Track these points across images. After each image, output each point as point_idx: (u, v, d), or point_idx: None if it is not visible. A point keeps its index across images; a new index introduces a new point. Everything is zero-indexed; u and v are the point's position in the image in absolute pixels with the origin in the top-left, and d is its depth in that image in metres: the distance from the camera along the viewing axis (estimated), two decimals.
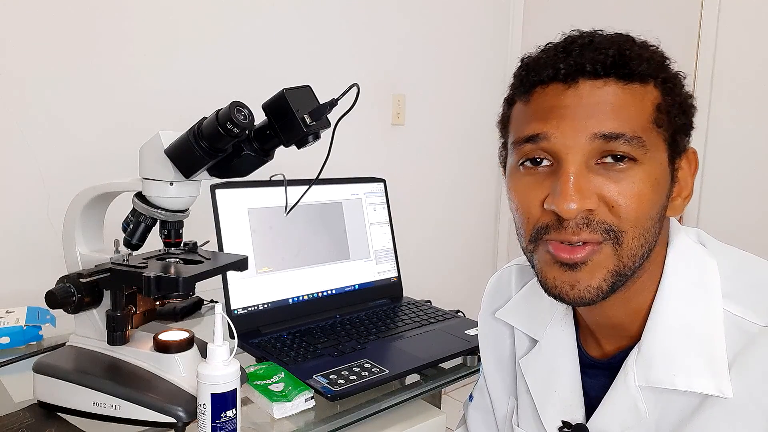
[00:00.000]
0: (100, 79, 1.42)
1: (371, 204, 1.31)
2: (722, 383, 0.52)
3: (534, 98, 0.56)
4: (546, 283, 0.57)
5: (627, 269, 0.54)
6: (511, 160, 0.60)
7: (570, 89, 0.54)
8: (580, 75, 0.53)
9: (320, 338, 1.06)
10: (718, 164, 1.95)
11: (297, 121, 0.79)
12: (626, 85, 0.53)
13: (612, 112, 0.52)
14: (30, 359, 0.93)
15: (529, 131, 0.55)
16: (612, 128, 0.52)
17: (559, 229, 0.54)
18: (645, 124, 0.53)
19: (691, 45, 1.98)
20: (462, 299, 1.45)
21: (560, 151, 0.53)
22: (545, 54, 0.57)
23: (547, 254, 0.56)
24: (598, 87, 0.53)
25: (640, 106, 0.54)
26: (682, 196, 0.58)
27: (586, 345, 0.65)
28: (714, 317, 0.54)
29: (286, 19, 1.77)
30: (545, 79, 0.55)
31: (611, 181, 0.53)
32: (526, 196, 0.57)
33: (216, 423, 0.71)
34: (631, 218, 0.53)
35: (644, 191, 0.53)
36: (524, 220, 0.58)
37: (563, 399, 0.64)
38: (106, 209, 0.93)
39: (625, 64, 0.53)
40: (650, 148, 0.53)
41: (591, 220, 0.53)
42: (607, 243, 0.53)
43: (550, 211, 0.54)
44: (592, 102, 0.53)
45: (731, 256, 0.58)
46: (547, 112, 0.54)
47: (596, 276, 0.54)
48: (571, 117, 0.53)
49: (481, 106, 2.41)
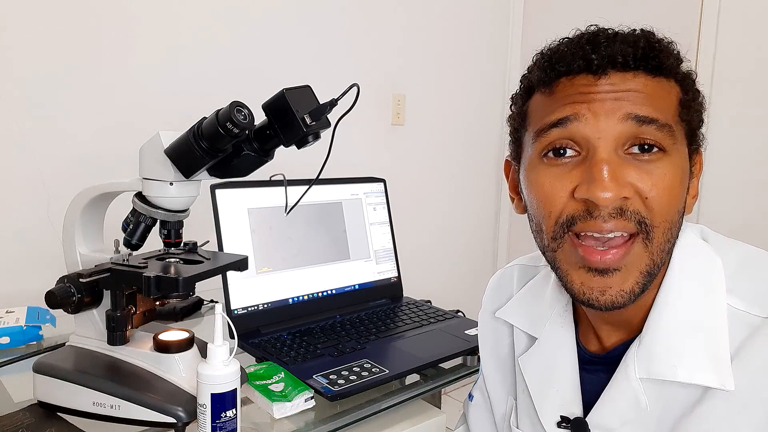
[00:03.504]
0: (100, 79, 1.42)
1: (371, 204, 1.31)
2: (724, 376, 0.51)
3: (558, 88, 0.55)
4: (572, 287, 0.55)
5: (656, 267, 0.54)
6: (530, 152, 0.58)
7: (601, 79, 0.53)
8: (610, 66, 0.53)
9: (320, 338, 1.06)
10: (719, 163, 1.95)
11: (297, 121, 0.79)
12: (654, 78, 0.53)
13: (645, 98, 0.52)
14: (30, 359, 0.93)
15: (557, 115, 0.54)
16: (646, 112, 0.51)
17: (588, 219, 0.52)
18: (673, 115, 0.54)
19: (691, 45, 1.98)
20: (462, 299, 1.45)
21: (591, 135, 0.52)
22: (569, 46, 0.56)
23: (574, 257, 0.54)
24: (629, 78, 0.53)
25: (668, 98, 0.54)
26: (691, 195, 0.58)
27: (585, 340, 0.65)
28: (717, 311, 0.54)
29: (286, 20, 1.77)
30: (574, 70, 0.54)
31: (643, 172, 0.52)
32: (551, 187, 0.55)
33: (216, 423, 0.71)
34: (663, 212, 0.52)
35: (674, 184, 0.53)
36: (546, 214, 0.56)
37: (561, 395, 0.64)
38: (106, 209, 0.93)
39: (654, 57, 0.53)
40: (678, 139, 0.53)
41: (625, 210, 0.52)
42: (638, 239, 0.52)
43: (578, 201, 0.53)
44: (623, 89, 0.52)
45: (735, 252, 0.58)
46: (577, 97, 0.53)
47: (629, 279, 0.53)
48: (602, 100, 0.52)
49: (481, 106, 2.41)
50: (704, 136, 0.59)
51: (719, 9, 1.92)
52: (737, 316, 0.53)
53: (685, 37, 2.02)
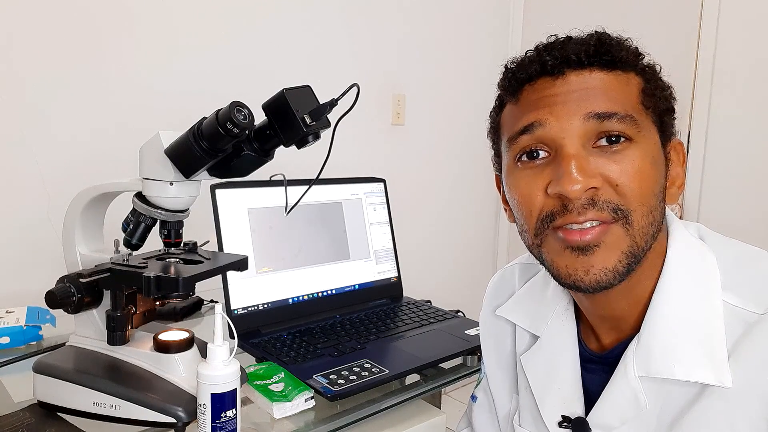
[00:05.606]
0: (100, 79, 1.42)
1: (371, 204, 1.31)
2: (721, 373, 0.52)
3: (523, 96, 0.58)
4: (558, 272, 0.57)
5: (640, 249, 0.55)
6: (506, 159, 0.61)
7: (558, 80, 0.56)
8: (565, 66, 0.56)
9: (320, 338, 1.06)
10: (719, 163, 1.95)
11: (297, 121, 0.79)
12: (610, 72, 0.56)
13: (602, 93, 0.54)
14: (30, 359, 0.93)
15: (523, 123, 0.57)
16: (605, 107, 0.54)
17: (564, 213, 0.54)
18: (634, 104, 0.55)
19: (691, 45, 1.98)
20: (462, 299, 1.45)
21: (557, 136, 0.55)
22: (527, 55, 0.60)
23: (557, 242, 0.56)
24: (585, 75, 0.55)
25: (627, 89, 0.56)
26: (676, 185, 0.60)
27: (586, 339, 0.66)
28: (713, 308, 0.55)
29: (286, 20, 1.77)
30: (533, 75, 0.57)
31: (611, 161, 0.54)
32: (527, 187, 0.57)
33: (216, 423, 0.71)
34: (636, 196, 0.53)
35: (644, 168, 0.54)
36: (527, 213, 0.58)
37: (563, 393, 0.64)
38: (106, 209, 0.93)
39: (606, 52, 0.55)
40: (643, 127, 0.55)
41: (596, 200, 0.53)
42: (617, 224, 0.53)
43: (554, 197, 0.55)
44: (581, 88, 0.55)
45: (731, 249, 0.59)
46: (539, 102, 0.56)
47: (611, 257, 0.54)
48: (563, 102, 0.55)
49: (481, 106, 2.39)
50: (675, 125, 0.60)
51: (719, 9, 1.92)
52: (733, 312, 0.54)
53: (685, 37, 2.03)
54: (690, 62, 1.97)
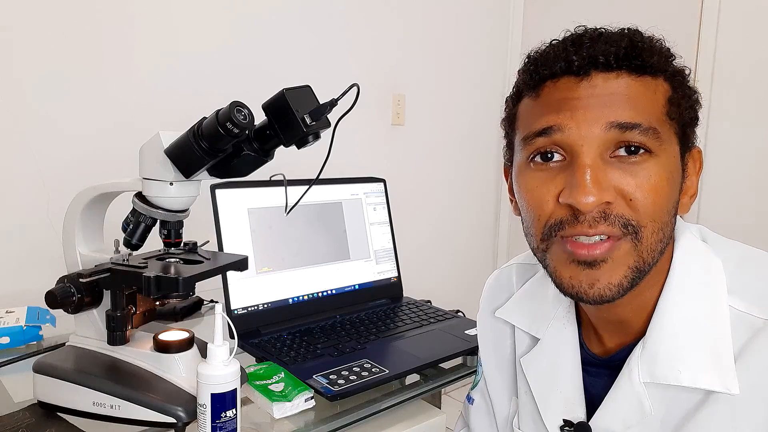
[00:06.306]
0: (100, 78, 1.42)
1: (371, 204, 1.31)
2: (728, 379, 0.51)
3: (544, 92, 0.56)
4: (562, 283, 0.56)
5: (646, 265, 0.54)
6: (519, 157, 0.59)
7: (583, 81, 0.53)
8: (592, 67, 0.53)
9: (320, 338, 1.06)
10: (719, 163, 1.95)
11: (297, 121, 0.79)
12: (638, 78, 0.53)
13: (627, 102, 0.52)
14: (30, 359, 0.93)
15: (542, 124, 0.54)
16: (628, 117, 0.51)
17: (575, 223, 0.53)
18: (659, 115, 0.53)
19: (691, 45, 1.98)
20: (462, 299, 1.45)
21: (575, 143, 0.52)
22: (553, 49, 0.56)
23: (563, 253, 0.55)
24: (611, 79, 0.53)
25: (653, 98, 0.53)
26: (689, 195, 0.58)
27: (588, 342, 0.65)
28: (720, 314, 0.54)
29: (286, 19, 1.77)
30: (557, 72, 0.54)
31: (628, 174, 0.52)
32: (538, 192, 0.55)
33: (216, 423, 0.71)
34: (649, 212, 0.52)
35: (661, 184, 0.52)
36: (535, 218, 0.56)
37: (565, 397, 0.63)
38: (106, 209, 0.92)
39: (637, 56, 0.53)
40: (664, 140, 0.53)
41: (608, 214, 0.52)
42: (626, 238, 0.52)
43: (564, 206, 0.53)
44: (606, 93, 0.52)
45: (734, 252, 0.58)
46: (560, 104, 0.53)
47: (617, 273, 0.53)
48: (585, 108, 0.52)
49: (481, 106, 2.41)
50: (697, 135, 0.58)
51: (719, 9, 1.92)
52: (738, 317, 0.53)
53: (685, 37, 2.03)
54: (690, 63, 1.97)
